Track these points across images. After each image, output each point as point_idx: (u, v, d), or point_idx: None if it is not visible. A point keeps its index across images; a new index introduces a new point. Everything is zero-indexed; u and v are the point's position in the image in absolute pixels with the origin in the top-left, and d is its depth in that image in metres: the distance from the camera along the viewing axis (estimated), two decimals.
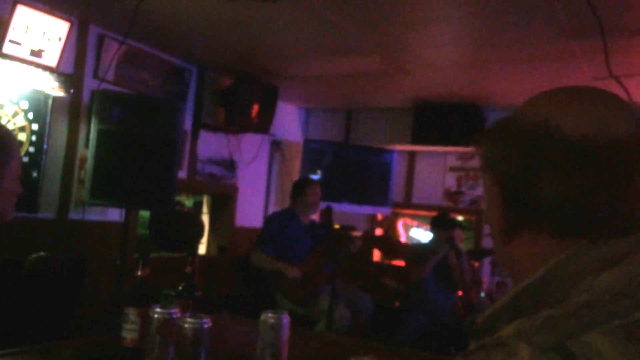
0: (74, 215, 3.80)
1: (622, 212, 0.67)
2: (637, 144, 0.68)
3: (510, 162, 0.72)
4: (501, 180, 0.74)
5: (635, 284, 0.61)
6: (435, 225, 4.50)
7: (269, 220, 4.32)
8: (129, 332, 1.44)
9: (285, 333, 1.40)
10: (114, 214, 3.97)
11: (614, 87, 3.40)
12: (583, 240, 0.68)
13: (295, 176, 5.76)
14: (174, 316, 1.33)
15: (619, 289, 0.61)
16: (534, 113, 0.73)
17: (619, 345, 0.56)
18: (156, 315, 1.32)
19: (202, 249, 5.28)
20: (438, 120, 5.29)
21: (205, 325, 1.29)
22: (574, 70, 3.94)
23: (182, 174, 4.56)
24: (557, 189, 0.68)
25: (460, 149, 5.61)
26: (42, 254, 3.14)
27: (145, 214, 4.70)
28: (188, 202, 5.44)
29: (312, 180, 4.43)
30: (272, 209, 5.73)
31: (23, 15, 3.21)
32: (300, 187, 4.28)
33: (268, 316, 1.42)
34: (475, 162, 5.88)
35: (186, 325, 1.28)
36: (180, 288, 1.67)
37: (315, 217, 4.35)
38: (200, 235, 5.13)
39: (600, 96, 0.73)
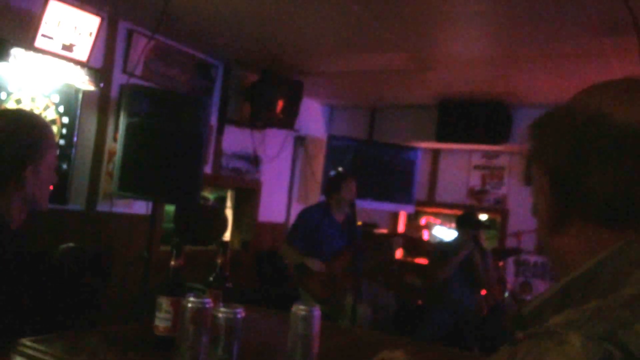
0: (101, 207, 3.86)
1: None
2: None
3: (560, 152, 0.72)
4: (551, 171, 0.74)
5: None
6: (460, 223, 4.46)
7: (302, 214, 4.18)
8: (162, 321, 1.46)
9: (317, 325, 1.41)
10: (140, 207, 4.02)
11: None
12: (633, 232, 0.67)
13: (319, 172, 5.76)
14: (207, 306, 1.34)
15: None
16: (585, 104, 0.73)
17: None
18: (190, 305, 1.33)
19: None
20: (463, 118, 5.25)
21: (239, 316, 1.30)
22: (604, 68, 3.87)
23: (207, 169, 4.60)
24: (606, 179, 0.68)
25: (485, 147, 5.56)
26: (71, 244, 3.19)
27: (169, 207, 4.75)
28: (212, 196, 5.48)
29: (348, 175, 4.19)
30: (295, 205, 5.74)
31: (55, 10, 3.26)
32: (336, 181, 4.11)
33: (299, 308, 1.42)
34: (500, 161, 5.83)
35: (220, 315, 1.29)
36: (211, 279, 1.68)
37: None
38: (224, 230, 5.17)
39: None
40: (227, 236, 5.30)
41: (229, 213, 5.38)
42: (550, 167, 0.74)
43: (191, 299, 1.33)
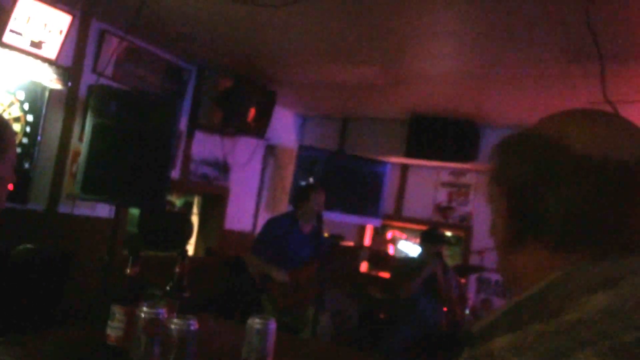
0: (63, 208, 3.78)
1: (624, 231, 0.69)
2: None
3: (518, 174, 0.75)
4: (509, 192, 0.76)
5: (629, 306, 0.62)
6: (424, 239, 4.50)
7: (268, 223, 4.18)
8: (114, 330, 1.44)
9: (272, 339, 1.40)
10: (103, 210, 3.95)
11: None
12: (584, 257, 0.69)
13: (288, 182, 5.76)
14: (161, 316, 1.32)
15: (611, 310, 0.62)
16: (547, 130, 0.76)
17: None
18: (143, 315, 1.32)
19: (189, 250, 5.25)
20: (433, 135, 5.32)
21: (192, 327, 1.29)
22: (570, 93, 3.97)
23: (174, 174, 4.55)
24: (560, 204, 0.70)
25: (453, 164, 5.64)
26: (29, 245, 3.12)
27: (134, 211, 4.68)
28: (178, 201, 5.42)
29: (317, 187, 4.21)
30: (262, 214, 5.72)
31: (25, 6, 3.20)
32: (305, 192, 4.13)
33: (255, 321, 1.42)
34: (466, 179, 5.91)
35: (173, 326, 1.28)
36: (168, 288, 1.66)
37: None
38: (189, 236, 5.12)
39: (613, 119, 0.76)
40: (192, 242, 5.25)
41: (195, 219, 5.32)
42: (509, 188, 0.76)
43: (144, 309, 1.32)
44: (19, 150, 3.43)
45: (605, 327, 0.60)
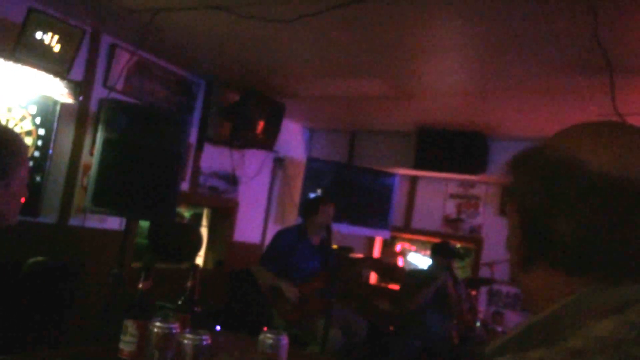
0: (74, 221, 3.81)
1: (633, 256, 0.66)
2: None
3: (532, 193, 0.72)
4: (521, 211, 0.74)
5: (633, 335, 0.60)
6: (435, 252, 4.49)
7: (277, 236, 4.20)
8: (127, 345, 1.44)
9: (284, 354, 1.40)
10: (114, 223, 3.97)
11: None
12: (597, 281, 0.67)
13: (297, 194, 5.76)
14: (174, 331, 1.33)
15: (613, 339, 0.60)
16: (561, 147, 0.73)
17: None
18: (156, 330, 1.32)
19: (198, 262, 5.26)
20: (441, 147, 5.32)
21: (205, 342, 1.29)
22: (579, 106, 3.97)
23: (184, 186, 4.57)
24: (573, 226, 0.67)
25: (462, 176, 5.63)
26: (40, 258, 3.14)
27: (144, 223, 4.70)
28: (187, 213, 5.44)
29: (327, 200, 4.22)
30: (271, 226, 5.72)
31: (37, 21, 3.24)
32: (314, 205, 4.14)
33: (267, 336, 1.42)
34: (476, 191, 5.90)
35: (186, 342, 1.28)
36: (179, 302, 1.66)
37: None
38: (198, 248, 5.13)
39: (630, 134, 0.72)
40: (201, 255, 5.26)
41: (204, 231, 5.34)
42: (522, 207, 0.74)
43: (157, 323, 1.32)
44: (30, 163, 3.46)
45: (602, 358, 0.59)
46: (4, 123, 3.30)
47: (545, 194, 0.71)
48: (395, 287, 5.81)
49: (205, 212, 5.42)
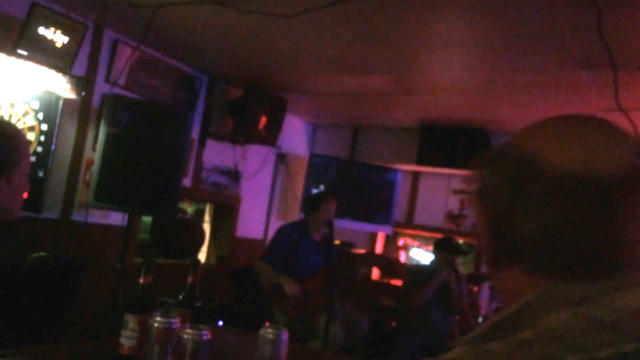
0: (76, 217, 3.82)
1: (598, 254, 0.66)
2: (623, 183, 0.65)
3: (497, 194, 0.72)
4: (488, 213, 0.74)
5: (580, 329, 0.60)
6: (438, 248, 4.48)
7: (280, 231, 4.20)
8: (128, 340, 1.44)
9: (284, 349, 1.40)
10: (116, 218, 3.98)
11: (621, 120, 3.41)
12: (557, 279, 0.67)
13: (299, 190, 5.77)
14: (174, 326, 1.33)
15: (561, 331, 0.61)
16: (525, 144, 0.72)
17: None
18: (156, 325, 1.32)
19: (201, 258, 5.27)
20: (444, 142, 5.31)
21: (205, 337, 1.30)
22: (582, 101, 3.95)
23: (186, 182, 4.58)
24: (536, 227, 0.67)
25: (465, 171, 5.61)
26: (42, 253, 3.15)
27: (146, 218, 4.71)
28: (190, 209, 5.44)
29: (329, 195, 4.20)
30: (273, 222, 5.73)
31: (39, 16, 3.24)
32: (316, 200, 4.14)
33: (267, 331, 1.42)
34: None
35: (186, 336, 1.28)
36: (180, 297, 1.67)
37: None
38: (201, 244, 5.13)
39: (597, 129, 0.71)
40: (203, 250, 5.27)
41: (206, 227, 5.34)
42: (489, 207, 0.74)
43: (158, 318, 1.32)
44: (33, 159, 3.47)
45: (546, 350, 0.59)
46: (6, 118, 3.31)
47: (509, 196, 0.70)
48: (397, 282, 5.81)
49: (208, 208, 5.43)
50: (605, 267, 0.65)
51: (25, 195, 1.68)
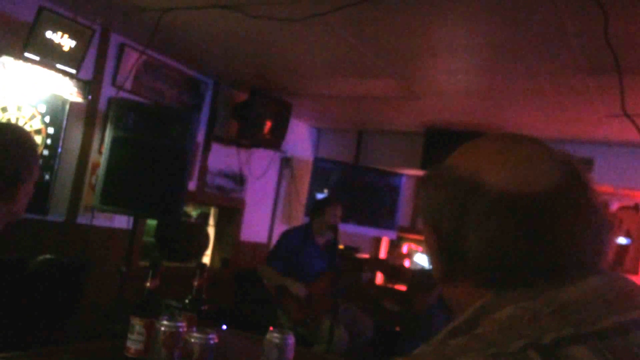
0: (82, 219, 3.83)
1: (538, 262, 0.70)
2: (554, 197, 0.70)
3: (442, 213, 0.76)
4: (436, 231, 0.78)
5: (526, 317, 0.66)
6: None
7: (284, 235, 4.20)
8: (134, 343, 1.45)
9: (290, 353, 1.40)
10: (121, 221, 3.99)
11: (626, 126, 3.40)
12: (501, 289, 0.71)
13: (304, 194, 5.77)
14: (181, 330, 1.33)
15: (510, 322, 0.66)
16: (463, 165, 0.77)
17: None
18: (163, 328, 1.33)
19: (205, 261, 5.28)
20: (448, 147, 5.17)
21: (212, 341, 1.30)
22: (587, 106, 3.95)
23: (191, 185, 4.59)
24: (480, 244, 0.72)
25: None
26: (48, 256, 3.16)
27: (151, 222, 4.72)
28: (194, 212, 5.45)
29: (334, 201, 4.20)
30: (278, 225, 5.73)
31: (47, 20, 3.26)
32: (321, 205, 4.14)
33: (273, 335, 1.42)
34: None
35: (193, 340, 1.29)
36: (187, 301, 1.67)
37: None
38: (205, 247, 5.14)
39: (527, 148, 0.77)
40: (208, 254, 5.27)
41: (211, 230, 5.35)
42: (435, 226, 0.78)
43: (164, 322, 1.33)
44: (39, 162, 3.48)
45: (497, 337, 0.65)
46: (14, 121, 3.32)
47: (454, 216, 0.74)
48: (401, 287, 5.80)
49: (212, 211, 5.44)
50: (544, 273, 0.70)
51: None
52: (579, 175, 0.74)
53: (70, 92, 3.47)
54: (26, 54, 3.21)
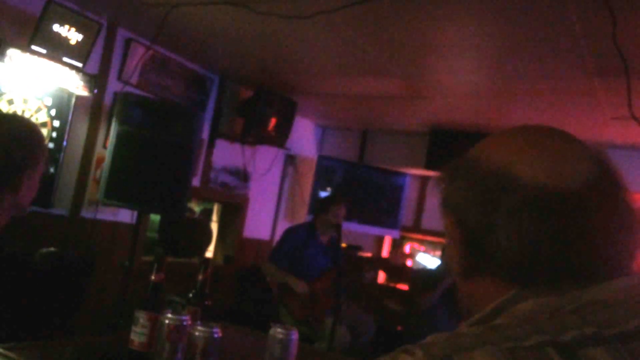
0: (86, 213, 3.83)
1: (569, 260, 0.68)
2: (589, 194, 0.68)
3: (469, 207, 0.74)
4: (462, 226, 0.75)
5: (546, 312, 0.64)
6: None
7: (287, 233, 4.20)
8: (138, 336, 1.45)
9: (293, 349, 1.40)
10: (125, 215, 3.99)
11: (633, 128, 3.39)
12: (526, 285, 0.70)
13: (307, 192, 5.77)
14: (185, 323, 1.33)
15: (528, 315, 0.65)
16: (494, 158, 0.74)
17: None
18: (167, 321, 1.33)
19: (208, 257, 5.28)
20: (453, 147, 5.29)
21: (216, 335, 1.30)
22: (593, 108, 3.94)
23: (195, 181, 4.59)
24: (512, 239, 0.69)
25: None
26: (52, 249, 3.16)
27: (155, 217, 4.72)
28: (198, 208, 5.46)
29: (338, 199, 4.20)
30: (281, 223, 5.73)
31: (54, 13, 3.27)
32: (325, 203, 4.15)
33: (277, 331, 1.42)
34: None
35: (197, 334, 1.29)
36: (190, 295, 1.67)
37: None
38: (208, 244, 5.14)
39: (559, 142, 0.74)
40: (210, 250, 5.28)
41: (214, 227, 5.35)
42: (461, 222, 0.75)
43: (169, 315, 1.33)
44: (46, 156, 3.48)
45: (514, 331, 0.63)
46: (19, 114, 3.33)
47: (484, 210, 0.72)
48: (403, 287, 5.80)
49: (216, 208, 5.44)
50: (572, 271, 0.68)
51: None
52: (612, 173, 0.72)
53: (76, 85, 3.47)
54: (33, 47, 3.22)
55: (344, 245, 5.34)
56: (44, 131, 3.48)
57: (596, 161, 0.72)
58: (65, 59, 3.37)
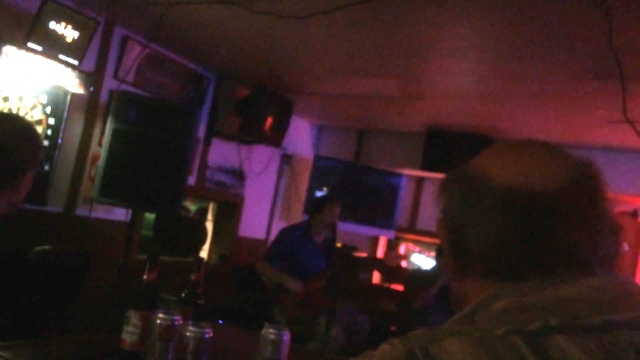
0: (80, 211, 3.83)
1: (539, 257, 0.72)
2: (557, 195, 0.72)
3: (452, 210, 0.80)
4: (447, 227, 0.81)
5: (517, 308, 0.69)
6: (441, 252, 4.48)
7: (283, 233, 4.20)
8: (130, 335, 1.45)
9: (285, 349, 1.41)
10: (120, 214, 3.99)
11: (627, 131, 3.40)
12: (504, 282, 0.74)
13: (303, 192, 5.77)
14: (176, 323, 1.33)
15: (503, 310, 0.69)
16: (476, 164, 0.80)
17: (467, 349, 0.65)
18: (158, 321, 1.33)
19: (203, 256, 5.27)
20: (449, 149, 5.30)
21: (207, 335, 1.30)
22: (589, 111, 3.95)
23: (191, 180, 4.58)
24: (483, 237, 0.74)
25: None
26: (46, 247, 3.16)
27: (149, 215, 4.72)
28: (193, 207, 5.46)
29: (333, 198, 4.21)
30: (276, 222, 5.73)
31: (51, 11, 3.26)
32: (319, 203, 4.15)
33: (269, 331, 1.42)
34: None
35: (188, 334, 1.29)
36: (183, 295, 1.67)
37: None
38: (203, 242, 5.14)
39: (536, 150, 0.79)
40: (205, 249, 5.27)
41: (209, 226, 5.35)
42: (447, 224, 0.81)
43: (160, 315, 1.33)
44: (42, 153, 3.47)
45: (485, 324, 0.68)
46: (14, 111, 3.32)
47: (461, 210, 0.78)
48: (398, 287, 5.80)
49: (211, 207, 5.44)
50: (542, 270, 0.72)
51: None
52: (591, 180, 0.75)
53: (72, 83, 3.46)
54: (29, 44, 3.21)
55: (339, 245, 5.35)
56: (39, 129, 3.48)
57: (575, 169, 0.75)
58: (61, 57, 3.36)
